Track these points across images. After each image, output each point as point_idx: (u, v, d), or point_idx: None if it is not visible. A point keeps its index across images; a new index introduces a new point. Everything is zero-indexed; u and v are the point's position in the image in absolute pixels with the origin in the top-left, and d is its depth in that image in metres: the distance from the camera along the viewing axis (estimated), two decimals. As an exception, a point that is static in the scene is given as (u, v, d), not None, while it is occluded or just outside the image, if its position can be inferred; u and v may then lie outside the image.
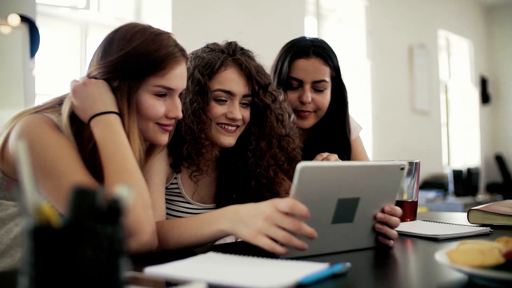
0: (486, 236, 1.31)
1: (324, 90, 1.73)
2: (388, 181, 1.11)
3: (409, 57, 6.45)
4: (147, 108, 1.21)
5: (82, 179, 1.08)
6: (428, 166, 6.45)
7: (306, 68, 1.71)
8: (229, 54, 1.45)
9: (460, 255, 0.81)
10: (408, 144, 6.30)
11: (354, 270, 0.92)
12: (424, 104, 6.64)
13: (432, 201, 5.76)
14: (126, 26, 1.23)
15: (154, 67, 1.19)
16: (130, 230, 1.05)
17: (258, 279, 0.81)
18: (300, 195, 0.98)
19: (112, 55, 1.19)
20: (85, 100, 1.17)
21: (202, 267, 0.91)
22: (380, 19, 6.12)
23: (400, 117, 6.30)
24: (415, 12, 6.62)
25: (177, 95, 1.26)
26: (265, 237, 0.98)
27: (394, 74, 6.28)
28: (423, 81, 6.62)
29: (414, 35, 6.57)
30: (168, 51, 1.21)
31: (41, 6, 3.95)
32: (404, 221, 1.52)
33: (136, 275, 0.84)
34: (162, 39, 1.21)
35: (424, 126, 6.63)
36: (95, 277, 0.57)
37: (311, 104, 1.72)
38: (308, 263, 0.91)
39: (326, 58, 1.72)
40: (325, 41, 1.80)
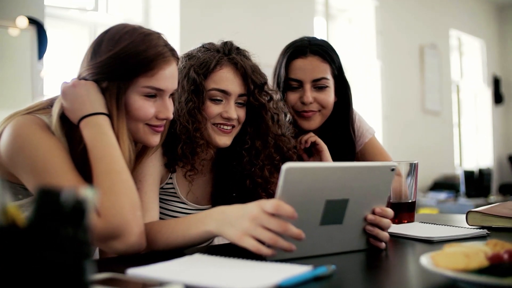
0: (482, 238, 1.29)
1: (326, 87, 1.69)
2: (378, 182, 1.10)
3: (420, 57, 6.40)
4: (136, 109, 1.20)
5: (71, 180, 1.08)
6: (439, 167, 6.39)
7: (304, 67, 1.68)
8: (225, 53, 1.44)
9: (444, 259, 0.80)
10: (419, 145, 6.25)
11: (339, 273, 0.91)
12: (436, 105, 6.58)
13: (443, 202, 5.71)
14: (116, 27, 1.23)
15: (143, 67, 1.18)
16: (117, 231, 1.05)
17: (236, 281, 0.80)
18: (286, 196, 0.97)
19: (101, 56, 1.18)
20: (74, 102, 1.17)
21: (184, 268, 0.90)
22: (390, 19, 6.08)
23: (410, 117, 6.25)
24: (426, 11, 6.57)
25: (167, 96, 1.25)
26: (251, 238, 0.97)
27: (405, 75, 6.23)
28: (434, 81, 6.56)
29: (425, 35, 6.51)
30: (157, 51, 1.20)
31: (50, 8, 3.98)
32: (402, 223, 1.50)
33: (116, 276, 0.83)
34: (151, 39, 1.20)
35: (435, 126, 6.57)
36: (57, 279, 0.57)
37: (314, 104, 1.68)
38: (291, 265, 0.90)
39: (324, 56, 1.69)
40: (325, 40, 1.77)
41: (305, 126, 1.70)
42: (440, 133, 6.68)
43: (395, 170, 1.10)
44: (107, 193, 1.06)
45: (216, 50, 1.45)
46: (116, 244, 1.06)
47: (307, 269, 0.87)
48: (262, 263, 0.94)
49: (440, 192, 5.96)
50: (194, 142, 1.37)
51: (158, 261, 0.95)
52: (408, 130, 6.18)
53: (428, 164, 6.30)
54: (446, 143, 6.82)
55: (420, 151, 6.23)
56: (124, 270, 0.87)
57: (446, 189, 6.01)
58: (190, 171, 1.40)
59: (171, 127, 1.38)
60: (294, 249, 0.98)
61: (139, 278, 0.83)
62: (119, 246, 1.06)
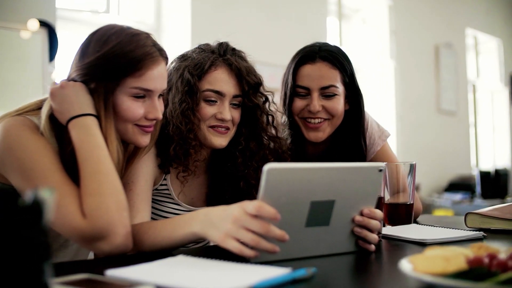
0: (479, 241, 1.26)
1: (335, 95, 1.62)
2: (366, 183, 1.08)
3: (435, 57, 6.33)
4: (124, 110, 1.21)
5: (60, 181, 1.08)
6: (455, 168, 6.31)
7: (312, 74, 1.62)
8: (220, 54, 1.44)
9: (423, 262, 0.78)
10: (434, 145, 6.18)
11: (320, 276, 0.89)
12: (451, 105, 6.49)
13: (459, 203, 5.63)
14: (104, 28, 1.23)
15: (131, 68, 1.18)
16: (103, 232, 1.05)
17: (208, 283, 0.79)
18: (269, 197, 0.96)
19: (88, 57, 1.19)
20: (62, 103, 1.17)
21: (162, 270, 0.90)
22: (404, 18, 6.02)
23: (425, 117, 6.18)
24: (441, 10, 6.49)
25: (156, 96, 1.25)
26: (233, 240, 0.96)
27: (419, 74, 6.16)
28: (450, 81, 6.48)
29: (440, 34, 6.43)
30: (145, 51, 1.20)
31: (61, 11, 4.02)
32: (398, 225, 1.47)
33: (91, 277, 0.83)
34: (138, 40, 1.20)
35: (451, 126, 6.49)
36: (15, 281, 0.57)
37: (322, 112, 1.62)
38: (270, 267, 0.89)
39: (334, 62, 1.62)
40: (337, 46, 1.70)
41: (312, 137, 1.65)
42: (456, 133, 6.59)
43: (383, 170, 1.09)
44: (93, 194, 1.06)
45: (211, 51, 1.45)
46: (102, 245, 1.06)
47: (285, 271, 0.86)
48: (244, 265, 0.93)
49: (455, 193, 5.89)
50: (186, 143, 1.37)
51: (145, 262, 0.94)
52: (423, 131, 6.11)
53: (443, 164, 6.23)
54: (462, 143, 6.73)
55: (435, 151, 6.16)
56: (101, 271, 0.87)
57: (462, 190, 5.93)
58: (183, 172, 1.40)
59: (165, 128, 1.38)
60: (278, 250, 0.97)
61: (113, 279, 0.83)
62: (105, 247, 1.06)
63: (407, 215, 1.50)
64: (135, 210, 1.27)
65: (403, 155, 5.83)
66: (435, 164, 6.17)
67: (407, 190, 1.51)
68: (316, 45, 1.68)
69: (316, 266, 0.97)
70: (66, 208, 1.05)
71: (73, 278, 0.82)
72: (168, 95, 1.42)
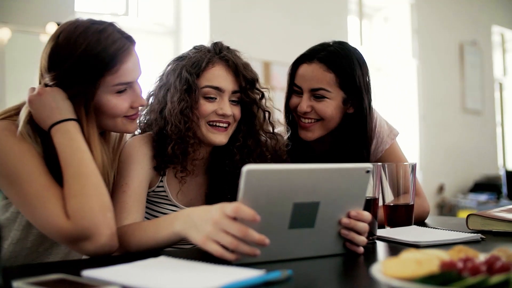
0: (476, 243, 1.23)
1: (325, 98, 1.59)
2: (353, 185, 1.06)
3: (460, 55, 6.22)
4: (112, 108, 1.22)
5: (44, 184, 1.09)
6: (480, 168, 6.19)
7: (305, 74, 1.61)
8: (216, 52, 1.45)
9: (394, 265, 0.76)
10: (459, 145, 6.08)
11: (296, 278, 0.88)
12: (477, 104, 6.37)
13: (484, 204, 5.52)
14: (67, 30, 1.19)
15: (106, 67, 1.18)
16: (87, 233, 1.06)
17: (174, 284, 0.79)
18: (248, 198, 0.95)
19: (60, 64, 1.17)
20: (42, 110, 1.17)
21: (137, 271, 0.90)
22: (427, 16, 5.93)
23: (450, 117, 6.08)
24: (466, 7, 6.37)
25: (136, 84, 1.26)
26: (214, 243, 0.96)
27: (443, 73, 6.07)
28: (475, 79, 6.36)
29: (465, 32, 6.32)
30: (116, 47, 1.19)
31: (80, 14, 4.08)
32: (397, 226, 1.44)
33: (65, 277, 0.84)
34: (106, 36, 1.18)
35: (476, 126, 6.36)
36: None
37: (312, 112, 1.60)
38: (244, 269, 0.88)
39: (330, 65, 1.57)
40: (346, 46, 1.64)
41: (302, 135, 1.64)
42: (482, 132, 6.46)
43: (371, 171, 1.06)
44: (76, 195, 1.07)
45: (207, 50, 1.46)
46: (86, 246, 1.06)
47: (259, 273, 0.85)
48: (222, 266, 0.92)
49: (481, 194, 5.77)
50: (185, 141, 1.37)
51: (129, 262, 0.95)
52: (447, 130, 6.01)
53: (469, 164, 6.12)
54: (488, 143, 6.59)
55: (460, 151, 6.06)
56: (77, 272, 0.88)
57: (488, 191, 5.81)
58: (181, 172, 1.40)
59: (163, 128, 1.38)
60: (258, 253, 0.96)
61: (84, 279, 0.83)
62: (90, 247, 1.06)
63: (407, 217, 1.47)
64: (127, 211, 1.28)
65: (427, 155, 5.74)
66: (460, 164, 6.06)
67: (409, 191, 1.48)
68: (323, 45, 1.65)
69: (299, 268, 0.97)
70: (50, 211, 1.06)
71: (47, 278, 0.83)
72: (166, 96, 1.42)
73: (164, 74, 1.48)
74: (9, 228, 1.22)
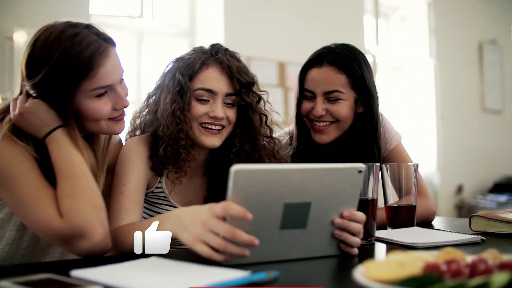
0: (476, 245, 1.21)
1: (339, 100, 1.60)
2: (345, 185, 1.05)
3: (479, 54, 6.12)
4: (92, 112, 1.21)
5: (36, 185, 1.11)
6: (500, 168, 6.08)
7: (317, 78, 1.61)
8: (212, 54, 1.45)
9: (376, 268, 0.75)
10: (478, 145, 5.98)
11: (284, 279, 0.88)
12: (496, 103, 6.27)
13: (504, 204, 5.42)
14: (42, 37, 1.18)
15: (82, 72, 1.16)
16: (80, 232, 1.06)
17: (155, 284, 0.79)
18: (237, 198, 0.95)
19: (37, 73, 1.16)
20: (29, 127, 1.19)
21: (122, 271, 0.91)
22: (445, 15, 5.86)
23: (468, 116, 5.99)
24: (484, 5, 6.26)
25: (117, 86, 1.24)
26: (203, 244, 0.96)
27: (462, 72, 5.98)
28: (495, 78, 6.25)
29: (483, 31, 6.21)
30: (91, 50, 1.16)
31: (95, 17, 4.12)
32: (400, 227, 1.43)
33: (51, 277, 0.85)
34: (81, 40, 1.16)
35: (496, 125, 6.25)
36: None
37: (327, 115, 1.61)
38: (229, 270, 0.88)
39: (341, 66, 1.60)
40: (351, 49, 1.66)
41: (317, 139, 1.64)
42: (502, 132, 6.35)
43: (363, 171, 1.05)
44: (68, 195, 1.08)
45: (203, 52, 1.46)
46: (80, 245, 1.07)
47: (244, 274, 0.84)
48: (211, 267, 0.92)
49: (500, 195, 5.67)
50: (176, 143, 1.38)
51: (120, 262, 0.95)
52: (466, 130, 5.93)
53: (488, 165, 6.02)
54: (508, 143, 6.47)
55: (479, 151, 5.96)
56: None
57: (508, 191, 5.71)
58: (175, 173, 1.40)
59: (157, 129, 1.39)
60: (247, 254, 0.96)
61: (68, 279, 0.84)
62: (84, 246, 1.07)
63: (409, 218, 1.45)
64: (124, 212, 1.29)
65: (445, 155, 5.67)
66: (479, 165, 5.97)
67: (411, 192, 1.47)
68: (328, 47, 1.66)
69: (288, 269, 0.96)
70: (43, 211, 1.07)
71: (34, 278, 0.84)
72: (161, 97, 1.43)
73: (161, 75, 1.49)
74: (4, 229, 1.23)
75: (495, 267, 0.70)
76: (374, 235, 1.26)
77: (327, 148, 1.71)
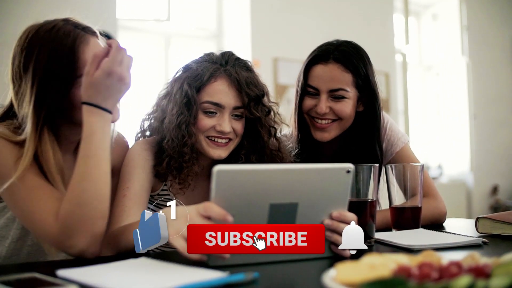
0: (478, 247, 1.18)
1: (344, 98, 1.58)
2: (333, 185, 1.04)
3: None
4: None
5: (34, 186, 1.12)
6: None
7: (323, 75, 1.58)
8: (221, 64, 1.42)
9: (346, 270, 0.75)
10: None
11: (264, 281, 0.87)
12: (532, 101, 6.08)
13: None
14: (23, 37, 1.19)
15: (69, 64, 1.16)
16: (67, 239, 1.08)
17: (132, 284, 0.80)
18: (221, 199, 0.95)
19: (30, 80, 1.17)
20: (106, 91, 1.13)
21: (106, 271, 0.92)
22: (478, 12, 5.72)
23: (503, 115, 5.84)
24: (520, 1, 6.10)
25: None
26: (181, 239, 0.97)
27: (495, 70, 5.84)
28: (531, 76, 6.07)
29: (517, 27, 6.05)
30: (73, 37, 1.17)
31: (123, 21, 4.20)
32: (404, 229, 1.40)
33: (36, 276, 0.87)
34: (57, 31, 1.17)
35: (533, 124, 6.07)
36: None
37: (330, 113, 1.59)
38: (208, 271, 0.89)
39: (347, 65, 1.57)
40: (355, 46, 1.64)
41: (318, 136, 1.62)
42: (539, 131, 6.16)
43: (352, 171, 1.03)
44: (71, 202, 1.07)
45: (213, 61, 1.43)
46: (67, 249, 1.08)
47: (222, 275, 0.85)
48: (194, 268, 0.93)
49: (537, 197, 5.51)
50: (180, 157, 1.37)
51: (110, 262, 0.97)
52: (500, 129, 5.78)
53: (524, 165, 5.86)
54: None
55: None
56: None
57: (545, 193, 5.54)
58: (179, 184, 1.41)
59: (163, 140, 1.39)
60: (226, 257, 0.95)
61: (50, 279, 0.85)
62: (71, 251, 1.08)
63: (414, 219, 1.42)
64: (125, 214, 1.30)
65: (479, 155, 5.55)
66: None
67: (417, 192, 1.44)
68: (333, 44, 1.64)
69: (270, 271, 0.96)
70: (39, 214, 1.09)
71: (18, 276, 0.86)
72: (168, 106, 1.42)
73: (171, 81, 1.48)
74: (9, 227, 1.27)
75: (466, 271, 0.69)
76: (373, 236, 1.25)
77: (328, 148, 1.70)
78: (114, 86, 1.12)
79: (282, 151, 1.49)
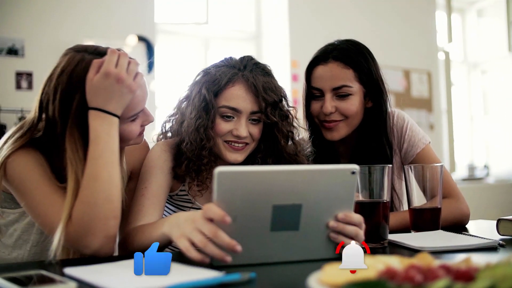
0: (493, 250, 1.14)
1: (349, 95, 1.57)
2: (338, 187, 1.03)
3: None
4: None
5: (48, 191, 1.15)
6: None
7: (324, 75, 1.58)
8: (239, 69, 1.44)
9: (331, 272, 0.75)
10: None
11: (261, 282, 0.88)
12: None
13: None
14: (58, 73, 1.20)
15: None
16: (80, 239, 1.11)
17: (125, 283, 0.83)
18: (223, 201, 0.96)
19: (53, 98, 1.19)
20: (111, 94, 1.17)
21: (107, 270, 0.95)
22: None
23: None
24: None
25: None
26: (186, 240, 0.98)
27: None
28: None
29: None
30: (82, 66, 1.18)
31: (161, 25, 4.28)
32: (423, 230, 1.37)
33: (43, 274, 0.90)
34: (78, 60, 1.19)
35: None
36: None
37: (336, 113, 1.58)
38: (204, 270, 0.90)
39: (347, 61, 1.57)
40: (356, 43, 1.63)
41: (328, 136, 1.61)
42: None
43: (357, 173, 1.02)
44: (84, 202, 1.11)
45: (231, 66, 1.45)
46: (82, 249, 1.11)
47: (217, 274, 0.86)
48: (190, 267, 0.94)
49: None
50: (199, 159, 1.40)
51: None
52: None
53: None
54: None
55: None
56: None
57: None
58: (197, 186, 1.43)
59: (181, 144, 1.42)
60: (227, 260, 0.95)
61: (52, 276, 0.89)
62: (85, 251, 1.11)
63: (433, 221, 1.39)
64: (142, 214, 1.33)
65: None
66: None
67: (437, 193, 1.41)
68: (332, 44, 1.63)
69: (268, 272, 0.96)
70: (53, 217, 1.13)
71: (24, 274, 0.90)
72: (187, 109, 1.45)
73: (191, 85, 1.50)
74: (29, 232, 1.32)
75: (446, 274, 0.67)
76: (386, 238, 1.23)
77: (343, 149, 1.69)
78: (113, 88, 1.15)
79: (300, 155, 1.49)
